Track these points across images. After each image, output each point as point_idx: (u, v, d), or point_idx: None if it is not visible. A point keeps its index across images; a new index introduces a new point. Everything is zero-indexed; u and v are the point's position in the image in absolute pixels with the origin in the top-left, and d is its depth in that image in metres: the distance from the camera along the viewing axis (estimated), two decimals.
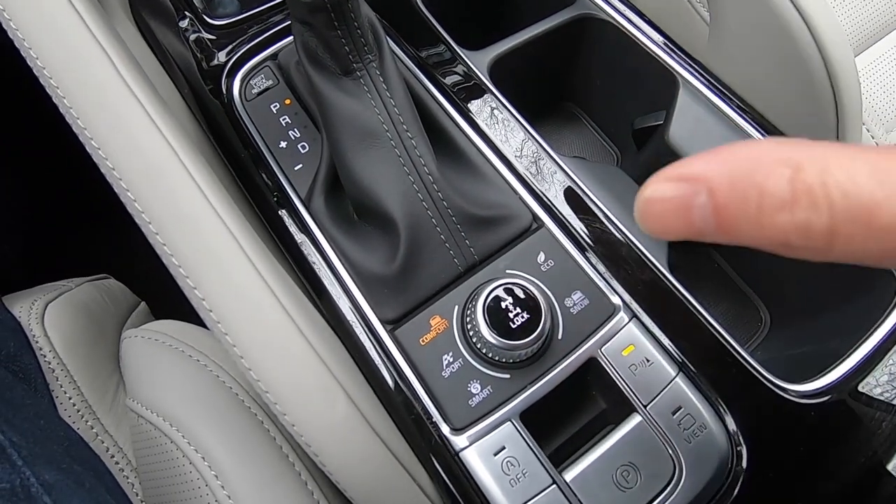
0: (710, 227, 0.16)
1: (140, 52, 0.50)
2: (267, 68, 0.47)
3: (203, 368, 0.41)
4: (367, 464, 0.32)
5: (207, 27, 0.49)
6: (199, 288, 0.31)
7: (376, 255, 0.39)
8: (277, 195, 0.42)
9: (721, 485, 0.34)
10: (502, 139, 0.44)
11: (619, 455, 0.34)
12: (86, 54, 0.32)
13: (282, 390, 0.30)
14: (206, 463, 0.37)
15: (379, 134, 0.38)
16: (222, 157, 0.48)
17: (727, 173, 0.15)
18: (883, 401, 0.37)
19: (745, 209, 0.15)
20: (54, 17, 0.33)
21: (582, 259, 0.39)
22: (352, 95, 0.39)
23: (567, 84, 0.64)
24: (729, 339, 0.38)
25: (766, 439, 0.35)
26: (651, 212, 0.17)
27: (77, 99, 0.31)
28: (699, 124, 0.48)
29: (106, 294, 0.54)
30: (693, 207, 0.16)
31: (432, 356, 0.36)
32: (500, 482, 0.33)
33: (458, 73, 0.48)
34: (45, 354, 0.43)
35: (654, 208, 0.17)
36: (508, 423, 0.35)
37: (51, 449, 0.35)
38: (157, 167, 0.31)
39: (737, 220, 0.15)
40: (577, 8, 0.54)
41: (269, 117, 0.45)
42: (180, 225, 0.31)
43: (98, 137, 0.31)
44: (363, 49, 0.38)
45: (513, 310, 0.35)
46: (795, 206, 0.14)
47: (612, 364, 0.36)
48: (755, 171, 0.15)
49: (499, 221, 0.40)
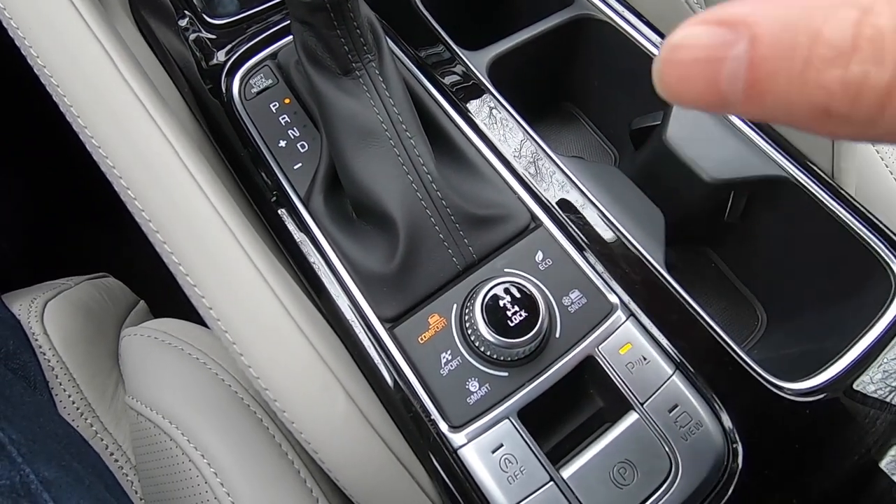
0: (738, 88, 0.13)
1: (140, 51, 0.50)
2: (266, 67, 0.47)
3: (203, 367, 0.41)
4: (367, 461, 0.32)
5: (207, 26, 0.49)
6: (199, 286, 0.31)
7: (375, 254, 0.39)
8: (276, 194, 0.42)
9: (717, 482, 0.34)
10: (501, 139, 0.45)
11: (616, 452, 0.34)
12: (86, 53, 0.32)
13: (281, 388, 0.30)
14: (206, 461, 0.37)
15: (378, 133, 0.38)
16: (222, 156, 0.48)
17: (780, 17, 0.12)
18: (877, 398, 0.37)
19: (789, 61, 0.12)
20: (55, 15, 0.33)
21: (580, 258, 0.39)
22: (351, 95, 0.39)
23: (565, 84, 0.64)
24: (725, 338, 0.38)
25: (762, 437, 0.36)
26: (675, 61, 0.14)
27: (77, 97, 0.31)
28: (697, 125, 0.48)
29: (105, 292, 0.54)
30: (726, 60, 0.13)
31: (431, 354, 0.36)
32: (497, 479, 0.33)
33: (456, 73, 0.49)
34: (45, 352, 0.44)
35: (680, 57, 0.14)
36: (506, 420, 0.35)
37: (50, 446, 0.36)
38: (158, 166, 0.31)
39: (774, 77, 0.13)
40: (575, 8, 0.54)
41: (268, 116, 0.45)
42: (180, 223, 0.31)
43: (98, 136, 0.31)
44: (362, 49, 0.38)
45: (511, 308, 0.35)
46: (854, 57, 0.11)
47: (609, 362, 0.36)
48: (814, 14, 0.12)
49: (497, 221, 0.40)
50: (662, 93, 0.15)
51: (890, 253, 0.42)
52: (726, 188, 0.47)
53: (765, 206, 0.49)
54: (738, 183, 0.47)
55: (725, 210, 0.50)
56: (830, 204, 0.44)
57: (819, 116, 0.12)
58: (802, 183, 0.45)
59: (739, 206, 0.49)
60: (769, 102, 0.13)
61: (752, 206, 0.49)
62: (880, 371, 0.38)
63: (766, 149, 0.46)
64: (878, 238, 0.42)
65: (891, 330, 0.39)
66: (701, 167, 0.46)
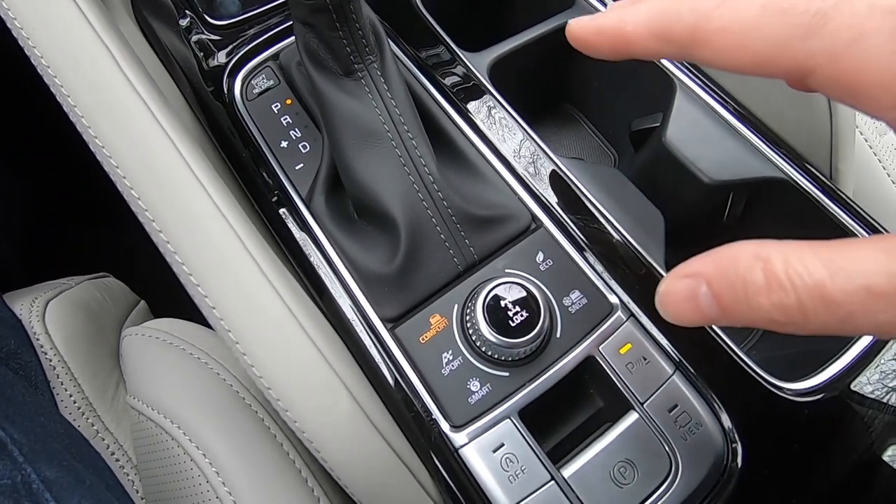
0: (715, 311, 0.20)
1: (142, 51, 0.50)
2: (268, 68, 0.48)
3: (204, 366, 0.41)
4: (369, 460, 0.32)
5: (209, 27, 0.49)
6: (203, 285, 0.31)
7: (377, 254, 0.39)
8: (278, 194, 0.43)
9: (717, 481, 0.34)
10: (501, 139, 0.45)
11: (616, 452, 0.35)
12: (90, 53, 0.33)
13: (284, 387, 0.31)
14: (208, 459, 0.37)
15: (380, 134, 0.38)
16: (223, 156, 0.48)
17: (717, 268, 0.20)
18: (874, 399, 0.38)
19: (735, 295, 0.19)
20: (58, 16, 0.33)
21: (580, 259, 0.40)
22: (353, 96, 0.39)
23: (566, 86, 0.64)
24: (724, 338, 0.38)
25: (761, 436, 0.36)
26: (668, 302, 0.22)
27: (81, 97, 0.31)
28: (696, 127, 0.48)
29: (106, 292, 0.54)
30: (699, 297, 0.20)
31: (432, 354, 0.37)
32: (499, 478, 0.34)
33: (457, 74, 0.49)
34: (46, 352, 0.44)
35: (670, 299, 0.21)
36: (507, 420, 0.35)
37: (51, 446, 0.36)
38: (161, 166, 0.32)
39: (732, 305, 0.19)
40: (575, 11, 0.55)
41: (270, 117, 0.45)
42: (184, 223, 0.31)
43: (102, 136, 0.31)
44: (364, 50, 0.38)
45: (512, 308, 0.35)
46: (770, 291, 0.18)
47: (609, 362, 0.37)
48: (737, 267, 0.19)
49: (498, 221, 0.40)
50: (670, 320, 0.22)
51: None
52: (725, 189, 0.48)
53: (763, 207, 0.49)
54: (737, 184, 0.47)
55: (725, 211, 0.50)
56: (829, 206, 0.44)
57: (772, 324, 0.19)
58: (801, 185, 0.45)
59: (738, 207, 0.50)
60: (738, 317, 0.19)
61: (751, 208, 0.50)
62: (877, 372, 0.38)
63: (765, 150, 0.47)
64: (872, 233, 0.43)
65: None
66: (700, 168, 0.47)
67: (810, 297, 0.17)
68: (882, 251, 0.17)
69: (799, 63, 0.19)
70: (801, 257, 0.18)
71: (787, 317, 0.18)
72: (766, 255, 0.19)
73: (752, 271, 0.19)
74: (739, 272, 0.19)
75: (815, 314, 0.17)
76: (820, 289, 0.17)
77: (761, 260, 0.19)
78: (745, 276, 0.19)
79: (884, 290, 0.16)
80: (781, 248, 0.19)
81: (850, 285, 0.17)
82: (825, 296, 0.17)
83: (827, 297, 0.17)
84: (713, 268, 0.20)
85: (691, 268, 0.21)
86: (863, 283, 0.17)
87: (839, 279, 0.17)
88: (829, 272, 0.17)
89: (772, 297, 0.18)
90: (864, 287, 0.17)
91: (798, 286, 0.18)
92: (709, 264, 0.20)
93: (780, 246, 0.19)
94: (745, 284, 0.19)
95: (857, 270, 0.17)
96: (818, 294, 0.17)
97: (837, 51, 0.18)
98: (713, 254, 0.20)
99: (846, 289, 0.17)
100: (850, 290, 0.17)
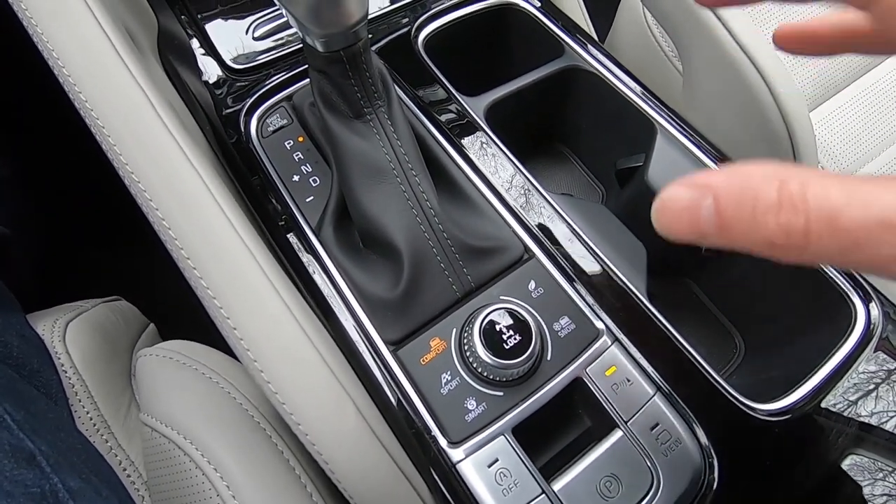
0: (712, 227, 0.19)
1: (166, 89, 0.54)
2: (282, 108, 0.52)
3: (215, 385, 0.44)
4: (373, 472, 0.34)
5: (228, 70, 0.53)
6: (225, 307, 0.34)
7: (381, 281, 0.42)
8: (288, 222, 0.46)
9: (695, 494, 0.37)
10: (494, 174, 0.49)
11: (602, 467, 0.37)
12: (129, 98, 0.36)
13: (298, 403, 0.33)
14: (219, 474, 0.39)
15: (386, 171, 0.42)
16: (238, 188, 0.52)
17: (730, 183, 0.19)
18: (839, 413, 0.41)
19: (741, 211, 0.19)
20: (102, 64, 0.37)
21: (569, 287, 0.43)
22: (362, 136, 0.42)
23: (557, 127, 0.69)
24: (701, 362, 0.41)
25: (735, 452, 0.39)
26: (666, 209, 0.21)
27: (122, 139, 0.35)
28: (675, 166, 0.53)
29: (119, 315, 0.57)
30: (700, 209, 0.19)
31: (432, 375, 0.39)
32: (493, 492, 0.36)
33: (455, 113, 0.53)
34: (67, 370, 0.46)
35: (670, 206, 0.21)
36: (501, 437, 0.37)
37: (71, 459, 0.38)
38: (192, 199, 0.35)
39: (734, 221, 0.19)
40: (564, 60, 0.60)
41: (283, 153, 0.49)
42: (210, 251, 0.34)
43: (138, 171, 0.35)
44: (373, 95, 0.42)
45: (506, 332, 0.38)
46: (781, 210, 0.18)
47: (595, 383, 0.39)
48: (751, 183, 0.18)
49: (493, 252, 0.43)
50: (660, 230, 0.21)
51: (849, 286, 0.46)
52: None
53: None
54: None
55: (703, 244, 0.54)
56: None
57: (768, 246, 0.19)
58: None
59: None
60: (733, 236, 0.19)
61: None
62: (842, 388, 0.42)
63: None
64: (839, 272, 0.46)
65: (851, 356, 0.43)
66: None
67: (819, 220, 0.17)
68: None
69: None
70: (822, 181, 0.18)
71: (788, 239, 0.18)
72: (785, 175, 0.18)
73: (766, 189, 0.18)
74: (752, 188, 0.18)
75: (818, 239, 0.17)
76: (833, 212, 0.17)
77: (777, 179, 0.18)
78: (757, 193, 0.18)
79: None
80: (801, 170, 0.18)
81: (864, 213, 0.17)
82: (835, 221, 0.17)
83: (836, 222, 0.17)
84: (724, 181, 0.19)
85: (702, 178, 0.20)
86: (879, 213, 0.16)
87: (855, 206, 0.17)
88: (847, 198, 0.17)
89: (780, 217, 0.18)
90: (879, 218, 0.16)
91: (812, 208, 0.17)
92: (720, 177, 0.19)
93: (800, 169, 0.18)
94: (756, 201, 0.18)
95: (876, 200, 0.17)
96: (828, 218, 0.17)
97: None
98: (727, 169, 0.20)
99: (859, 217, 0.17)
100: (862, 218, 0.17)
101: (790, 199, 0.18)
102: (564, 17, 0.63)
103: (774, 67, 0.47)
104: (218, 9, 0.57)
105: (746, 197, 0.18)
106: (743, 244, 0.19)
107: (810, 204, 0.17)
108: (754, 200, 0.18)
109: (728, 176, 0.19)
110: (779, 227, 0.18)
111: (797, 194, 0.18)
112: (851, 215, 0.17)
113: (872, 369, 0.43)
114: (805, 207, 0.17)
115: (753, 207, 0.18)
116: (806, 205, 0.17)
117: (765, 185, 0.18)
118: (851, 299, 0.45)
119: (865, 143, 0.77)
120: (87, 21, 0.39)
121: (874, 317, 0.44)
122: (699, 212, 0.20)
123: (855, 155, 0.76)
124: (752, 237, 0.19)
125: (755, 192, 0.18)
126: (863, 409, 0.41)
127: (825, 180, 0.18)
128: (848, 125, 0.76)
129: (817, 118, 0.76)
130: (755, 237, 0.19)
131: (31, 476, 0.32)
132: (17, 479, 0.32)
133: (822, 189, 0.17)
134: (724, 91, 0.51)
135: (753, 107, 0.48)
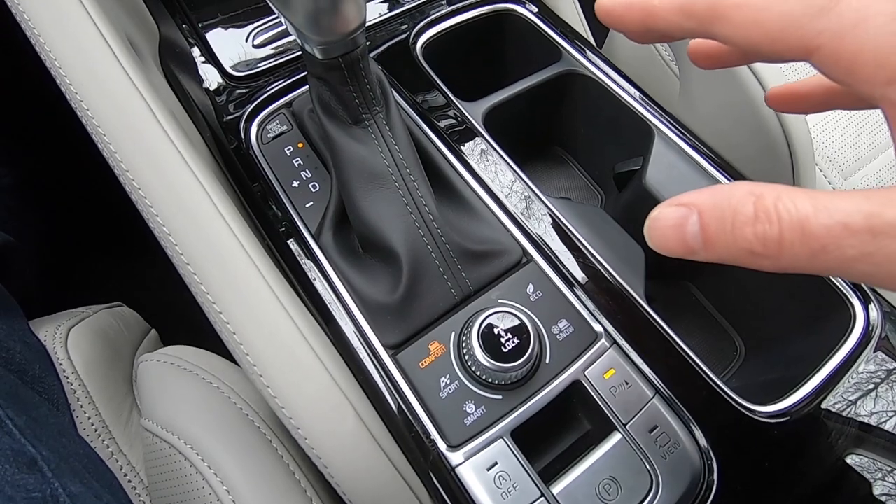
0: (699, 243, 0.21)
1: (166, 97, 0.54)
2: (282, 115, 0.52)
3: (216, 391, 0.44)
4: (372, 476, 0.34)
5: (229, 78, 0.54)
6: (225, 313, 0.34)
7: (380, 286, 0.42)
8: (289, 227, 0.46)
9: (695, 497, 0.37)
10: (493, 179, 0.49)
11: (601, 470, 0.37)
12: (131, 105, 0.37)
13: (298, 407, 0.33)
14: (219, 479, 0.39)
15: (385, 176, 0.42)
16: (239, 195, 0.52)
17: (711, 200, 0.21)
18: (838, 414, 0.41)
19: (722, 226, 0.20)
20: (104, 73, 0.37)
21: (567, 291, 0.43)
22: (361, 142, 0.43)
23: (555, 130, 0.69)
24: (700, 365, 0.41)
25: (734, 455, 0.39)
26: (656, 227, 0.23)
27: (123, 146, 0.35)
28: (672, 170, 0.53)
29: (121, 321, 0.57)
30: (687, 226, 0.21)
31: (431, 378, 0.39)
32: (492, 495, 0.36)
33: (453, 118, 0.54)
34: (68, 376, 0.46)
35: (659, 225, 0.22)
36: (500, 440, 0.37)
37: (73, 464, 0.38)
38: (192, 205, 0.35)
39: (717, 236, 0.21)
40: (562, 65, 0.60)
41: (283, 159, 0.49)
42: (211, 257, 0.35)
43: (139, 178, 0.35)
44: (372, 102, 0.43)
45: (505, 336, 0.38)
46: (756, 221, 0.20)
47: (594, 386, 0.40)
48: (731, 199, 0.20)
49: (492, 256, 0.43)
50: (652, 247, 0.23)
51: (849, 287, 0.46)
52: None
53: None
54: None
55: None
56: None
57: (748, 256, 0.21)
58: None
59: None
60: (717, 249, 0.21)
61: None
62: (841, 388, 0.42)
63: None
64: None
65: (851, 356, 0.43)
66: None
67: (791, 229, 0.19)
68: (863, 196, 0.19)
69: (806, 41, 0.20)
70: (792, 195, 0.19)
71: (765, 248, 0.20)
72: (760, 192, 0.20)
73: (744, 204, 0.20)
74: (732, 204, 0.20)
75: (790, 246, 0.19)
76: (802, 221, 0.19)
77: (754, 195, 0.20)
78: (736, 208, 0.20)
79: (858, 226, 0.18)
80: (775, 187, 0.20)
81: (829, 220, 0.18)
82: (805, 228, 0.19)
83: (806, 229, 0.19)
84: (708, 199, 0.21)
85: (687, 198, 0.22)
86: (841, 218, 0.18)
87: (821, 214, 0.19)
88: (814, 208, 0.19)
89: (756, 228, 0.20)
90: (842, 222, 0.18)
91: (784, 218, 0.19)
92: (704, 196, 0.21)
93: (774, 186, 0.20)
94: (735, 216, 0.20)
95: (838, 208, 0.18)
96: (799, 226, 0.19)
97: (843, 30, 0.19)
98: (708, 189, 0.22)
99: (825, 223, 0.18)
100: (828, 224, 0.18)
101: (765, 212, 0.20)
102: (562, 23, 0.63)
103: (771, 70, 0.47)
104: (218, 17, 0.58)
105: (727, 213, 0.20)
106: (726, 257, 0.21)
107: (782, 215, 0.19)
108: (734, 215, 0.20)
109: (711, 194, 0.21)
110: (755, 237, 0.20)
111: (771, 207, 0.20)
112: (819, 222, 0.19)
113: (872, 369, 0.43)
114: (778, 218, 0.19)
115: (733, 221, 0.20)
116: (779, 215, 0.19)
117: (743, 200, 0.20)
118: (850, 300, 0.45)
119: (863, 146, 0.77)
120: (88, 29, 0.39)
121: (873, 317, 0.45)
122: (686, 228, 0.22)
123: (853, 157, 0.76)
124: (732, 250, 0.21)
125: (735, 208, 0.20)
126: (862, 410, 0.41)
127: (795, 194, 0.20)
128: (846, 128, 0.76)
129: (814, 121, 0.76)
130: (735, 249, 0.20)
131: (32, 481, 0.32)
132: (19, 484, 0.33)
133: (792, 201, 0.19)
134: (720, 95, 0.52)
135: (750, 110, 0.49)
